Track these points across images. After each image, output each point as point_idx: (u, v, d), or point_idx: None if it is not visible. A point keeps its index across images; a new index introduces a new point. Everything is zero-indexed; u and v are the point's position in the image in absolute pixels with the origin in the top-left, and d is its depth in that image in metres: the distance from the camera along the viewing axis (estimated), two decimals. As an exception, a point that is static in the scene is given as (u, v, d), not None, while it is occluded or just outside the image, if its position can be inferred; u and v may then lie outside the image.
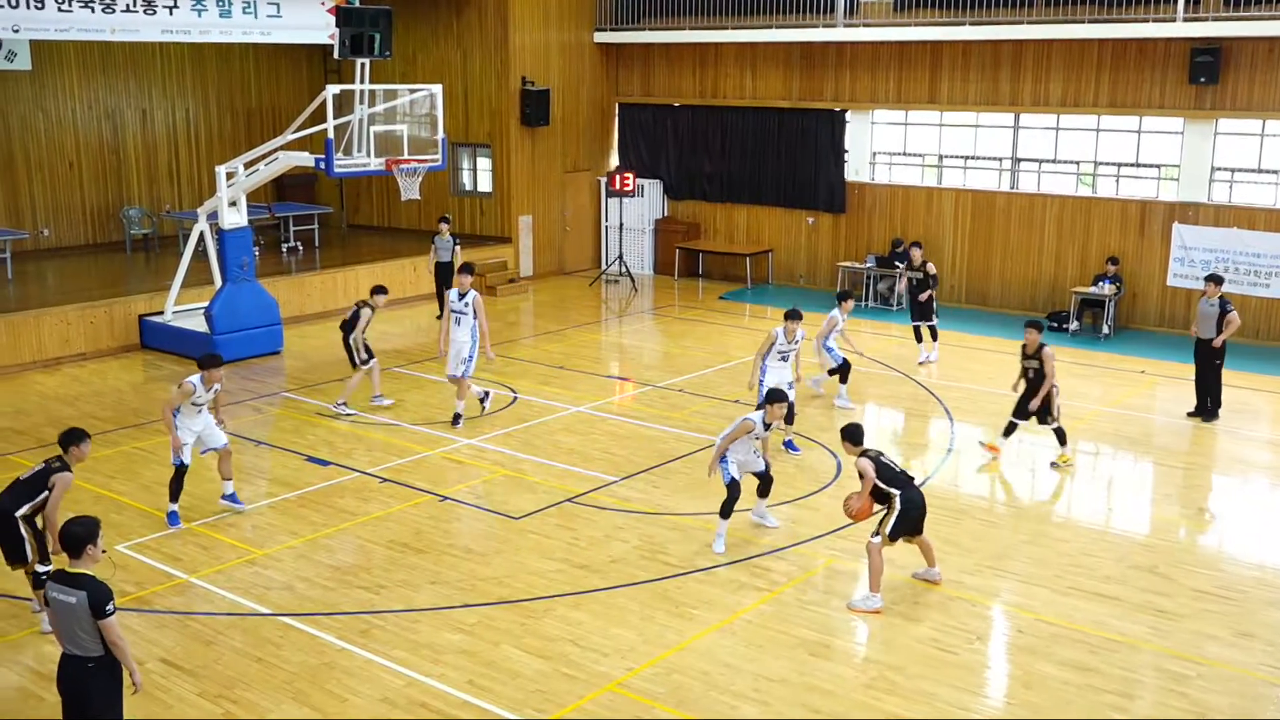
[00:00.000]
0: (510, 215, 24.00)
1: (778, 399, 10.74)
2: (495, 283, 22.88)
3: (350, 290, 20.97)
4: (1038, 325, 13.01)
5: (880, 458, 9.79)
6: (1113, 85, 19.64)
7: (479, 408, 14.71)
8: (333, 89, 16.34)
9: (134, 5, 16.60)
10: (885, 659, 8.85)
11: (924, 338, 17.67)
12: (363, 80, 16.52)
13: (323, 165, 16.37)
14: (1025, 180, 21.19)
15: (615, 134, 25.74)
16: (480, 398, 14.72)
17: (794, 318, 13.27)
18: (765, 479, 11.07)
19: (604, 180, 24.83)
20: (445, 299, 14.50)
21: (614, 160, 25.77)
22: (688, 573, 10.28)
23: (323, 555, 10.65)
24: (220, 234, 17.53)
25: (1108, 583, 10.15)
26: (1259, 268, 18.03)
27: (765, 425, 10.70)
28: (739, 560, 10.54)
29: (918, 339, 17.76)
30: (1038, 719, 8.11)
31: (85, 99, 22.69)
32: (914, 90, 21.69)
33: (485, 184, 24.41)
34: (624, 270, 24.22)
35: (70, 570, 6.80)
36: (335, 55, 16.86)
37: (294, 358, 17.98)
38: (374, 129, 16.68)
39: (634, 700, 8.25)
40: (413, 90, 17.81)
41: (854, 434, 9.93)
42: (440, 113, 17.41)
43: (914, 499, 9.71)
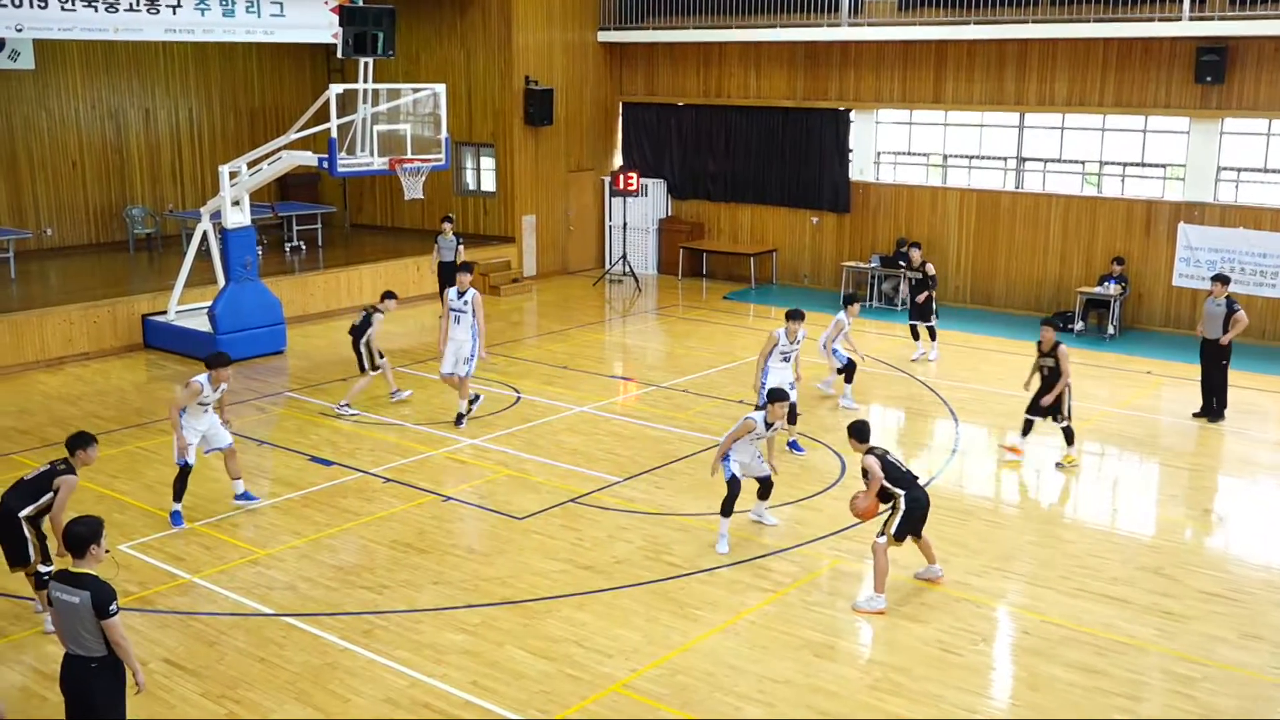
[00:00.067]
0: (514, 215, 23.98)
1: (778, 398, 10.70)
2: (499, 282, 22.86)
3: (354, 290, 20.98)
4: (1054, 323, 13.09)
5: (886, 456, 9.77)
6: (1118, 85, 19.58)
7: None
8: (336, 88, 16.34)
9: (137, 4, 16.58)
10: (890, 660, 8.82)
11: (921, 335, 17.78)
12: (366, 79, 16.52)
13: (326, 164, 16.38)
14: (1030, 180, 21.14)
15: (619, 133, 25.71)
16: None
17: (795, 318, 13.22)
18: (766, 483, 11.07)
19: (608, 180, 24.80)
20: (444, 298, 14.50)
21: (618, 160, 25.73)
22: (692, 573, 10.25)
23: (326, 555, 10.63)
24: (223, 233, 17.53)
25: (1114, 584, 10.11)
26: (1265, 268, 17.96)
27: (767, 425, 10.68)
28: (743, 561, 10.51)
29: (914, 336, 17.92)
30: (1044, 721, 8.09)
31: (88, 98, 22.68)
32: (919, 89, 21.65)
33: (489, 183, 24.38)
34: (628, 270, 24.18)
35: (74, 570, 6.79)
36: (339, 54, 16.85)
37: (297, 357, 17.96)
38: (377, 128, 16.67)
39: (638, 701, 8.22)
40: (416, 89, 17.81)
41: (861, 431, 9.93)
42: (444, 112, 17.40)
43: (919, 499, 9.70)
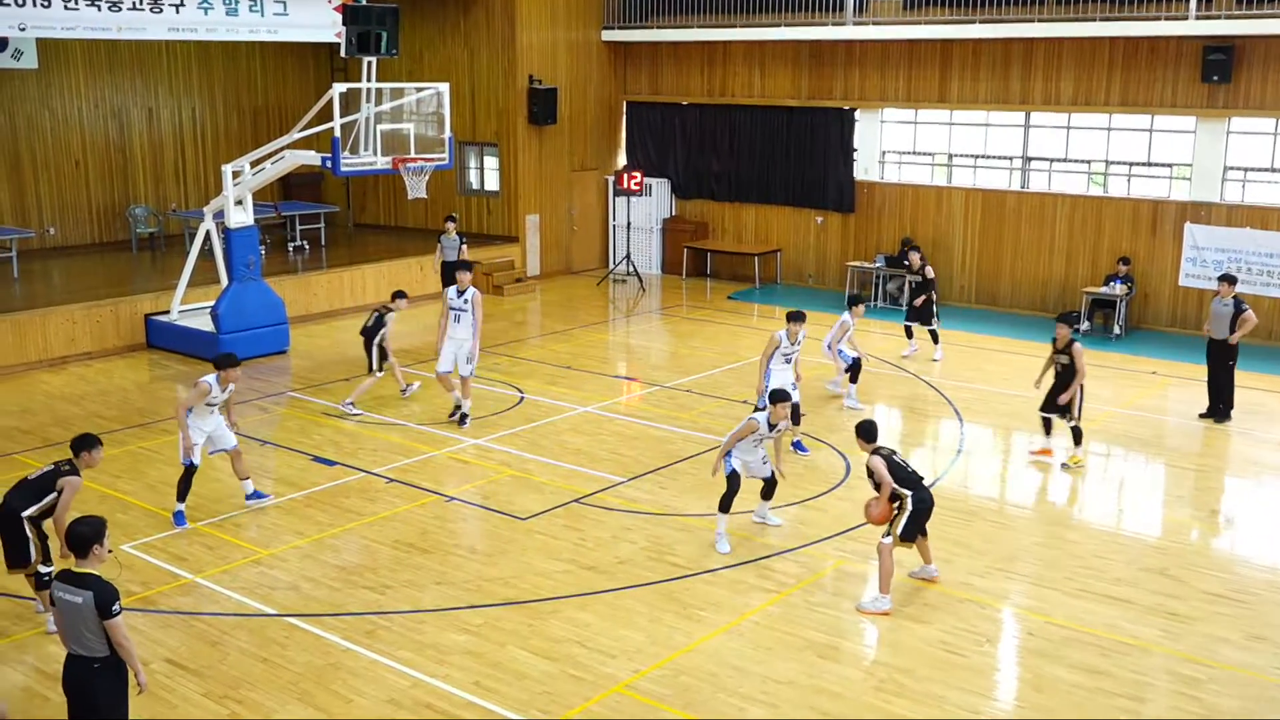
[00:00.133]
0: (517, 214, 23.95)
1: (781, 399, 10.64)
2: (502, 282, 22.83)
3: (356, 290, 20.97)
4: (1068, 320, 13.08)
5: (892, 456, 9.75)
6: (1124, 84, 19.52)
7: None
8: (339, 87, 16.32)
9: (140, 3, 16.59)
10: (894, 661, 8.79)
11: (915, 334, 17.91)
12: (369, 78, 16.49)
13: (329, 164, 16.35)
14: (1036, 179, 21.08)
15: (623, 133, 25.68)
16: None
17: (796, 320, 13.17)
18: (769, 482, 11.03)
19: (611, 179, 24.76)
20: (444, 297, 14.46)
21: (621, 159, 25.71)
22: (695, 574, 10.22)
23: (328, 555, 10.61)
24: (226, 233, 17.51)
25: (1119, 585, 10.06)
26: (1271, 268, 17.89)
27: (770, 426, 10.63)
28: (747, 562, 10.48)
29: (908, 335, 18.01)
30: (1049, 723, 8.05)
31: (91, 98, 22.67)
32: (924, 89, 21.60)
33: (492, 183, 24.36)
34: (631, 270, 24.15)
35: (76, 570, 6.78)
36: (342, 53, 16.83)
37: (300, 357, 17.94)
38: (380, 127, 16.62)
39: (641, 702, 8.20)
40: (419, 89, 17.74)
41: (868, 431, 9.90)
42: (447, 111, 17.35)
43: (926, 499, 9.68)
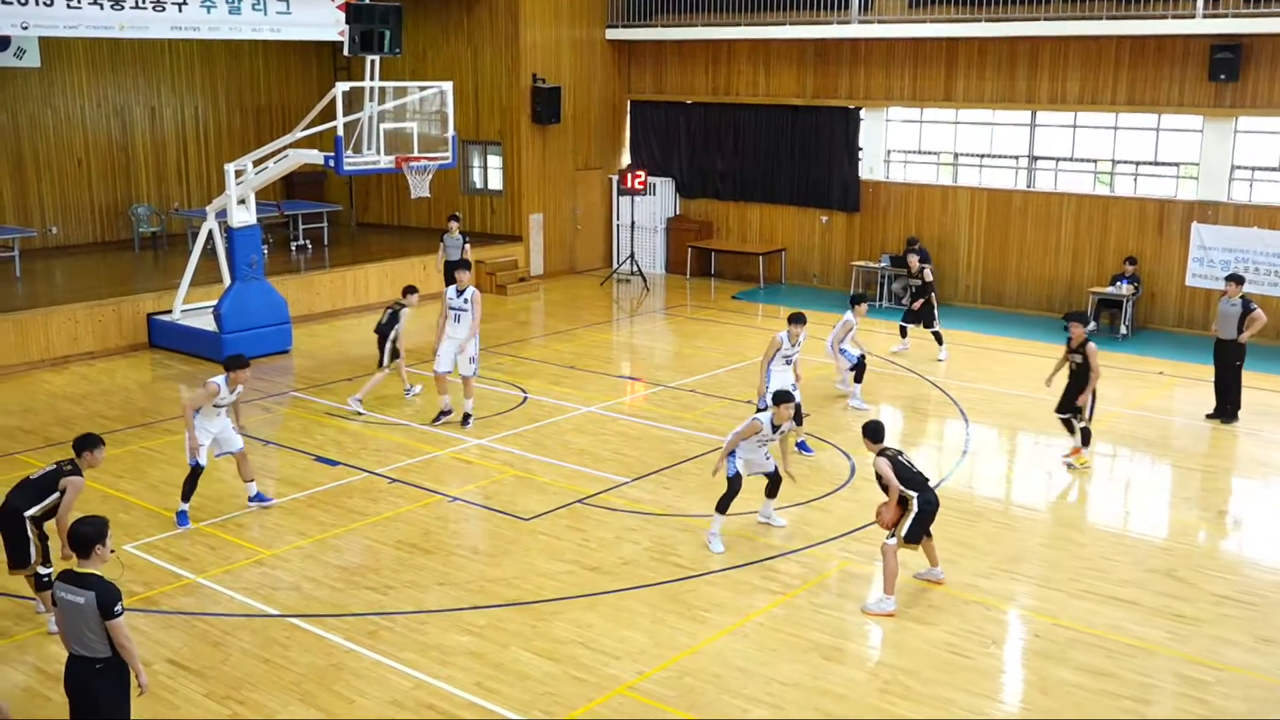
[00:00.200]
0: (521, 213, 23.91)
1: (784, 400, 10.60)
2: (505, 281, 22.79)
3: (359, 289, 20.95)
4: (1082, 319, 13.00)
5: (898, 457, 9.70)
6: (1131, 82, 19.44)
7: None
8: (342, 86, 16.28)
9: (143, 2, 16.56)
10: (899, 663, 8.75)
11: (907, 334, 17.96)
12: (372, 77, 16.45)
13: (332, 163, 16.31)
14: (1042, 179, 21.01)
15: (627, 132, 25.63)
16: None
17: (797, 322, 13.11)
18: (773, 478, 10.98)
19: (615, 178, 24.72)
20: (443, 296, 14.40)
21: (626, 158, 25.66)
22: (699, 575, 10.18)
23: (331, 556, 10.58)
24: (229, 232, 17.47)
25: (1125, 587, 10.01)
26: (1279, 268, 17.81)
27: (774, 427, 10.59)
28: (751, 562, 10.43)
29: (901, 334, 18.03)
30: (1056, 726, 8.00)
31: (94, 96, 22.65)
32: (929, 88, 21.53)
33: (496, 182, 24.33)
34: (635, 269, 24.10)
35: (79, 570, 6.75)
36: (345, 52, 16.80)
37: (303, 357, 17.90)
38: (384, 126, 16.57)
39: (644, 703, 8.16)
40: (423, 87, 17.71)
41: (875, 431, 9.86)
42: (450, 110, 17.31)
43: (931, 500, 9.65)
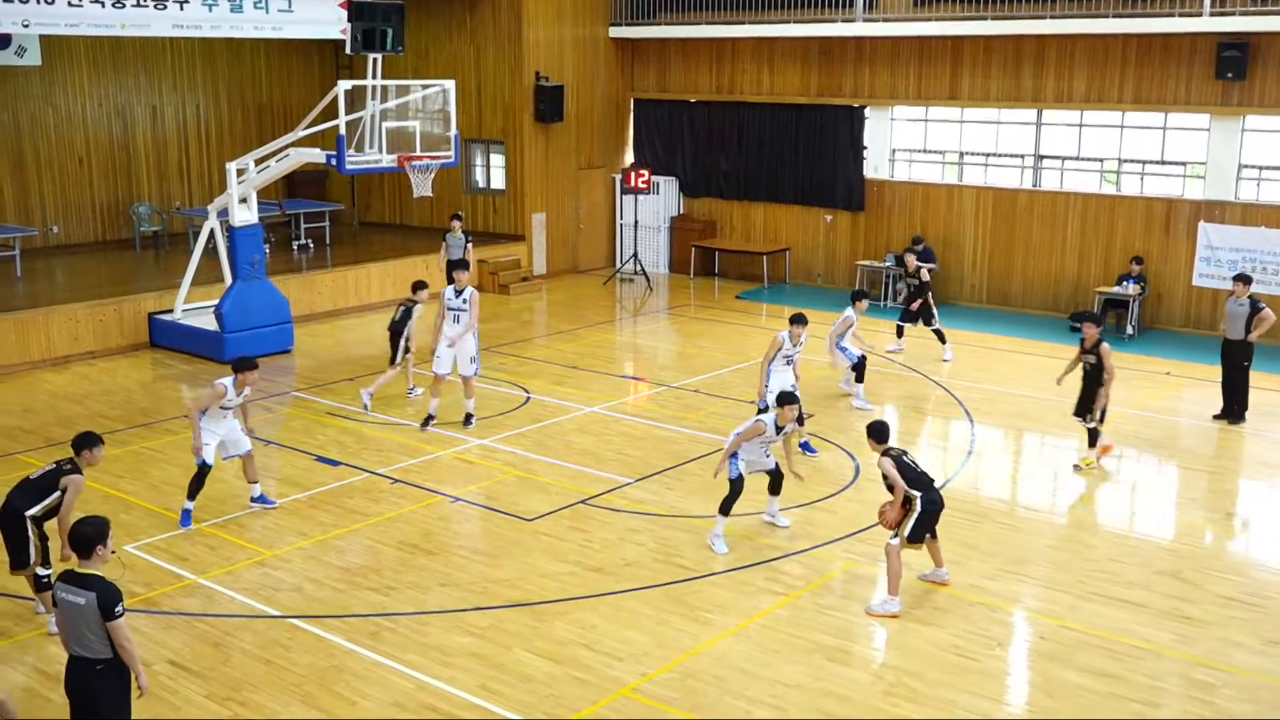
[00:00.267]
0: (524, 213, 23.86)
1: (788, 402, 10.57)
2: (508, 281, 22.74)
3: (361, 289, 20.92)
4: (1096, 320, 12.93)
5: (902, 457, 9.67)
6: (1138, 81, 19.35)
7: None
8: (344, 85, 16.24)
9: (144, 0, 16.50)
10: (903, 665, 8.70)
11: (903, 334, 17.92)
12: (375, 76, 16.44)
13: (334, 162, 16.28)
14: (1048, 178, 20.92)
15: (630, 130, 25.57)
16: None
17: (798, 322, 13.08)
18: (776, 475, 10.95)
19: (619, 177, 24.66)
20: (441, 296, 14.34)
21: (629, 157, 25.60)
22: (702, 576, 10.13)
23: (332, 556, 10.54)
24: (231, 231, 17.43)
25: (1132, 588, 9.95)
26: (1286, 267, 17.76)
27: (777, 429, 10.55)
28: (754, 564, 10.38)
29: (898, 334, 17.97)
30: (1062, 729, 7.94)
31: (95, 95, 22.61)
32: (934, 86, 21.45)
33: (498, 181, 24.28)
34: (639, 269, 24.04)
35: (79, 571, 6.72)
36: (347, 50, 16.78)
37: (304, 356, 17.87)
38: (386, 125, 16.55)
39: (647, 705, 8.11)
40: (425, 86, 17.68)
41: (879, 431, 9.83)
42: (453, 109, 17.26)
43: (935, 501, 9.60)
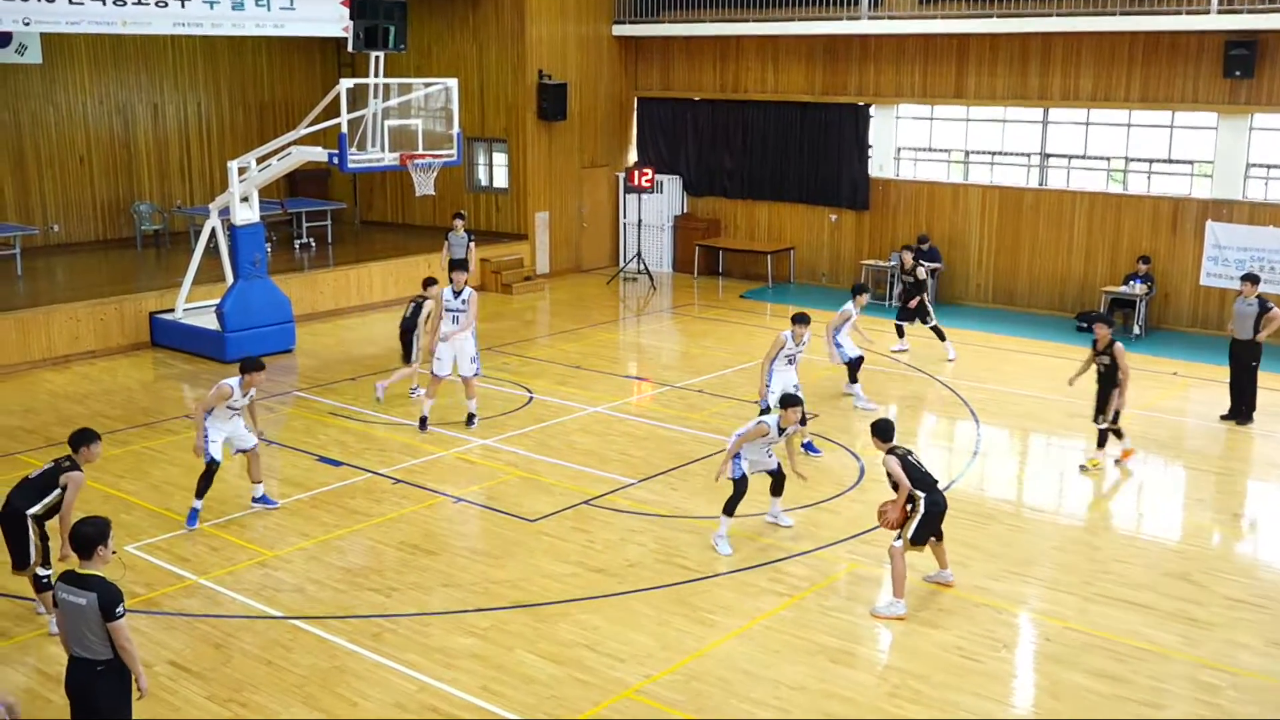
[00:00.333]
0: (526, 211, 23.81)
1: (792, 403, 10.54)
2: (511, 280, 22.70)
3: (363, 287, 20.88)
4: (1107, 321, 12.91)
5: (908, 457, 9.60)
6: (1144, 79, 19.27)
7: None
8: (346, 83, 16.20)
9: (146, -3, 16.47)
10: (908, 667, 8.65)
11: (904, 333, 17.90)
12: (377, 74, 16.41)
13: (336, 160, 16.25)
14: (1054, 176, 20.85)
15: (634, 129, 25.51)
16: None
17: (801, 322, 13.06)
18: (778, 476, 10.91)
19: (622, 176, 24.61)
20: (439, 297, 14.28)
21: (632, 156, 25.55)
22: (705, 577, 10.09)
23: (334, 557, 10.50)
24: (232, 230, 17.40)
25: (1138, 590, 9.89)
26: (1295, 267, 17.65)
27: (780, 430, 10.50)
28: (758, 565, 10.33)
29: (899, 334, 17.93)
30: (1069, 732, 7.89)
31: (96, 93, 22.57)
32: (940, 84, 21.38)
33: (501, 179, 24.23)
34: (642, 268, 23.99)
35: (80, 571, 6.68)
36: (349, 48, 16.77)
37: (306, 356, 17.83)
38: (388, 123, 16.53)
39: (650, 706, 8.07)
40: (428, 84, 17.68)
41: (884, 430, 9.78)
42: (455, 107, 17.22)
43: (939, 502, 9.55)
